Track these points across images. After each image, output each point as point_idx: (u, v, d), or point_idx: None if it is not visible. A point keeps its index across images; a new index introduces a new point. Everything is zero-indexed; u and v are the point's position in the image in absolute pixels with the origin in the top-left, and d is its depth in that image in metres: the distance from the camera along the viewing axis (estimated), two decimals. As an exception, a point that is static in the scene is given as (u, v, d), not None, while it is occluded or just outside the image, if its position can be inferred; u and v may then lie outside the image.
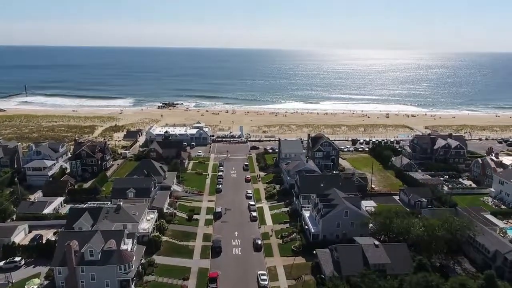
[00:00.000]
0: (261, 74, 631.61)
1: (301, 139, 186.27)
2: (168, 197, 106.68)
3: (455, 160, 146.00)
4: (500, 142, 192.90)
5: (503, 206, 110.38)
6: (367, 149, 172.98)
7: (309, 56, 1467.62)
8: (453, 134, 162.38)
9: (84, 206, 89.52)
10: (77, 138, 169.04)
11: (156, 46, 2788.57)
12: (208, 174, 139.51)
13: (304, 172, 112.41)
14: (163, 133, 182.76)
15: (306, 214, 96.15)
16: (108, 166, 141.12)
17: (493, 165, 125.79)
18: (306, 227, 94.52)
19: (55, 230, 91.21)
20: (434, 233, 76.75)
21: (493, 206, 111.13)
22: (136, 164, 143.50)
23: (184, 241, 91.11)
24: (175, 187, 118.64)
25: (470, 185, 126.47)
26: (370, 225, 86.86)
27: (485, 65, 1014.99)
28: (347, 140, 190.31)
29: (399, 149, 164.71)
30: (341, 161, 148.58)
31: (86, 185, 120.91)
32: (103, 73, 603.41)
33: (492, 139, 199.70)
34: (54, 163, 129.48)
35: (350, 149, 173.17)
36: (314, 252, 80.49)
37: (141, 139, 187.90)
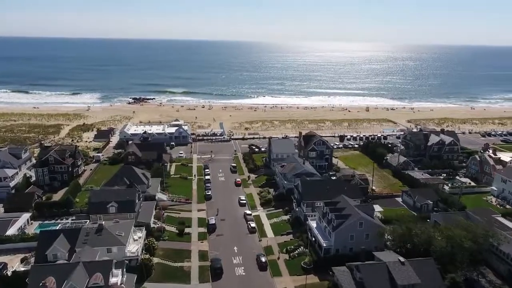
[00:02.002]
0: (234, 67, 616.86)
1: (286, 136, 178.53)
2: (154, 209, 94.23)
3: (449, 156, 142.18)
4: (483, 136, 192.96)
5: (508, 206, 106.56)
6: (356, 145, 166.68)
7: (279, 49, 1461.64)
8: (445, 130, 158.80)
9: (58, 227, 75.70)
10: (42, 142, 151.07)
11: (120, 38, 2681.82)
12: (193, 178, 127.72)
13: (304, 176, 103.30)
14: (139, 132, 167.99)
15: (313, 224, 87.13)
16: (80, 173, 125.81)
17: (491, 162, 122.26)
18: (314, 239, 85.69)
19: (23, 255, 76.91)
20: (461, 245, 69.77)
21: (498, 206, 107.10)
22: (111, 169, 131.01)
23: (178, 261, 79.62)
24: (159, 195, 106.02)
25: (469, 183, 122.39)
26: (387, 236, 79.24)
27: (451, 58, 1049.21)
28: (334, 136, 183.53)
29: (389, 145, 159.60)
30: (333, 160, 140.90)
31: (56, 197, 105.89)
32: (65, 66, 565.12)
33: (475, 132, 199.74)
34: (17, 172, 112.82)
35: (339, 146, 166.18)
36: (331, 272, 71.65)
37: (114, 139, 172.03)
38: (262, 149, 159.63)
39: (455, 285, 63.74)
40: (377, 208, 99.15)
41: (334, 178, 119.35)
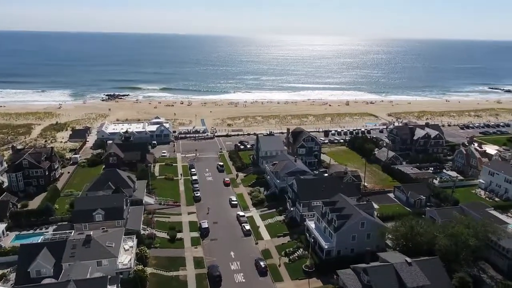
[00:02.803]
0: (208, 62, 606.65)
1: (271, 132, 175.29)
2: (142, 214, 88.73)
3: (434, 150, 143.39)
4: (462, 128, 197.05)
5: (496, 199, 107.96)
6: (342, 140, 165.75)
7: (253, 43, 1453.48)
8: (428, 123, 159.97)
9: (40, 240, 69.21)
10: (14, 144, 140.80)
11: (84, 31, 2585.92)
12: (180, 178, 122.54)
13: (299, 175, 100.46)
14: (118, 131, 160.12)
15: (311, 225, 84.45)
16: (57, 176, 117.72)
17: (478, 155, 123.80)
18: (312, 239, 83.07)
19: (0, 272, 70.03)
20: (465, 242, 68.93)
21: (487, 198, 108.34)
22: (90, 171, 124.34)
23: (172, 270, 75.02)
24: (146, 199, 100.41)
25: (457, 176, 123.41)
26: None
27: (422, 51, 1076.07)
28: (319, 132, 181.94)
29: (374, 139, 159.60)
30: (322, 156, 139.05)
31: (33, 204, 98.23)
32: (32, 61, 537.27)
33: (454, 125, 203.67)
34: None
35: (325, 141, 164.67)
36: (335, 275, 69.34)
37: (91, 139, 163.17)
38: (248, 146, 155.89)
39: (465, 285, 62.64)
40: (373, 205, 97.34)
41: (325, 175, 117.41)
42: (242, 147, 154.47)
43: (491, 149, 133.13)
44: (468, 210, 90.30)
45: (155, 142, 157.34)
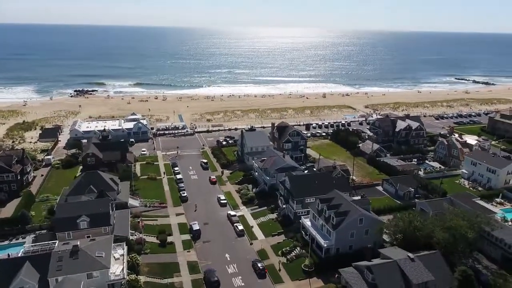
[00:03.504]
0: (179, 55, 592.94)
1: (252, 126, 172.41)
2: (129, 219, 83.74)
3: (415, 141, 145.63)
4: (437, 119, 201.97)
5: (480, 188, 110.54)
6: (324, 134, 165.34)
7: (224, 35, 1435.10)
8: (409, 115, 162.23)
9: (21, 253, 63.22)
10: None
11: (46, 23, 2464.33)
12: (163, 176, 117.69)
13: (290, 171, 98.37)
14: (92, 129, 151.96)
15: (307, 222, 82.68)
16: (30, 180, 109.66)
17: (459, 145, 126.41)
18: (307, 237, 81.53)
19: (-24, 290, 63.54)
20: (464, 235, 69.25)
21: (471, 188, 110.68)
22: (66, 173, 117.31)
23: (167, 277, 71.13)
24: (131, 201, 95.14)
25: (440, 167, 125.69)
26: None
27: (390, 43, 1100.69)
28: (300, 125, 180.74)
29: (356, 132, 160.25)
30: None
31: (6, 212, 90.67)
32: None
33: (429, 116, 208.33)
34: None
35: (308, 135, 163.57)
36: (337, 274, 68.02)
37: (63, 138, 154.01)
38: (230, 142, 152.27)
39: (467, 278, 62.77)
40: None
41: (314, 170, 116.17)
42: (224, 143, 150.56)
43: (471, 140, 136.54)
44: (457, 201, 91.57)
45: (132, 140, 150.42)
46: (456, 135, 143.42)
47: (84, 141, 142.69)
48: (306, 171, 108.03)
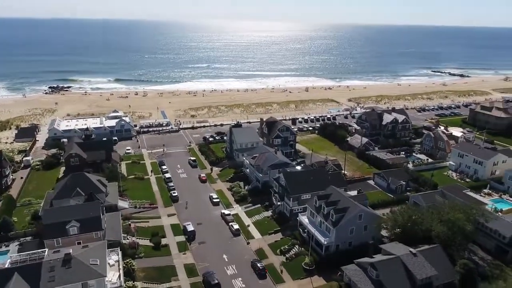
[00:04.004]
0: (158, 50, 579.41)
1: (238, 121, 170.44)
2: (120, 221, 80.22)
3: (402, 134, 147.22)
4: (419, 111, 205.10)
5: (467, 179, 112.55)
6: (311, 128, 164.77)
7: (203, 29, 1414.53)
8: (395, 108, 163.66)
9: (8, 264, 58.97)
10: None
11: (10, 17, 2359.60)
12: (150, 175, 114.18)
13: (281, 167, 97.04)
14: (73, 128, 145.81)
15: (304, 220, 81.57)
16: (9, 184, 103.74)
17: (445, 138, 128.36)
18: (304, 234, 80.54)
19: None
20: (462, 228, 69.76)
21: (459, 180, 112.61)
22: (47, 175, 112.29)
23: (164, 281, 68.53)
24: (120, 203, 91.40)
25: (427, 159, 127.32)
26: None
27: (367, 36, 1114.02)
28: (285, 120, 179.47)
29: (342, 125, 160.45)
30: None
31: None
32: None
33: (411, 108, 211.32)
34: None
35: (295, 129, 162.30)
36: (339, 272, 67.25)
37: (41, 138, 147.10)
38: (217, 138, 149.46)
39: (469, 271, 63.29)
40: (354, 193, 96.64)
41: (303, 165, 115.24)
42: (211, 139, 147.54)
43: (456, 132, 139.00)
44: (449, 193, 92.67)
45: (116, 138, 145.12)
46: (442, 128, 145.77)
47: (64, 140, 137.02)
48: (298, 167, 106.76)
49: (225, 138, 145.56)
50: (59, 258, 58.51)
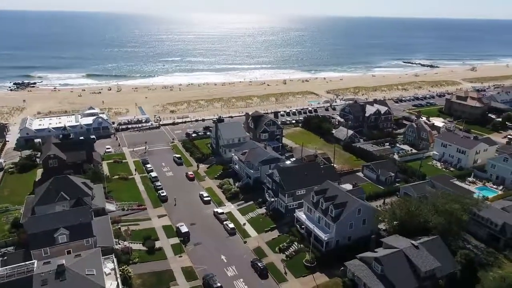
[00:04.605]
0: (125, 43, 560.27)
1: (220, 116, 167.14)
2: (111, 226, 76.08)
3: (384, 125, 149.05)
4: (396, 102, 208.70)
5: (451, 169, 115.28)
6: (294, 121, 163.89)
7: (169, 21, 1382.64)
8: (377, 99, 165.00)
9: (-6, 279, 54.19)
10: None
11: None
12: (134, 174, 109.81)
13: (272, 163, 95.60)
14: (46, 127, 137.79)
15: (301, 215, 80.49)
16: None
17: (428, 128, 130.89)
18: (302, 230, 79.54)
19: None
20: (459, 218, 70.86)
21: (444, 169, 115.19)
22: (22, 178, 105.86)
23: (163, 287, 65.66)
24: (107, 206, 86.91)
25: (411, 150, 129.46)
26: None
27: (336, 28, 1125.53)
28: (267, 113, 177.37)
29: (325, 117, 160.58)
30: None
31: (-41, 228, 78.54)
32: None
33: (388, 99, 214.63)
34: None
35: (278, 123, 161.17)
36: (342, 267, 66.75)
37: (11, 138, 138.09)
38: (200, 133, 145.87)
39: (470, 261, 64.29)
40: (349, 187, 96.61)
41: (293, 159, 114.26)
42: (194, 135, 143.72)
43: (438, 122, 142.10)
44: (438, 183, 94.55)
45: (93, 136, 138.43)
46: (424, 118, 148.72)
47: (38, 140, 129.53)
48: (288, 162, 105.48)
49: (208, 133, 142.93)
50: (51, 270, 54.43)
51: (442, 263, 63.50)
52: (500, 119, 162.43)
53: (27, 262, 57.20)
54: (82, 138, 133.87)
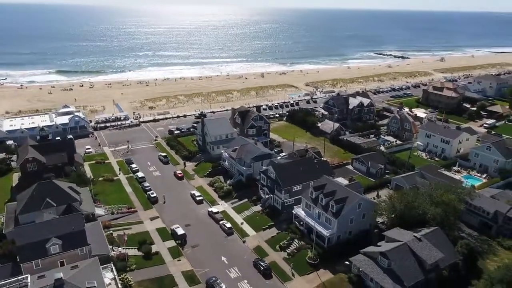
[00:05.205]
0: (92, 36, 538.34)
1: (202, 112, 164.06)
2: (103, 231, 72.17)
3: (367, 117, 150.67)
4: (374, 93, 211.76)
5: (436, 158, 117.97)
6: (277, 115, 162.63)
7: (136, 13, 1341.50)
8: (359, 91, 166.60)
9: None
10: None
11: None
12: (118, 175, 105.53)
13: (270, 159, 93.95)
14: (18, 128, 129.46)
15: (300, 212, 79.56)
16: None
17: (411, 119, 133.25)
18: (301, 227, 78.72)
19: None
20: (455, 208, 72.17)
21: (429, 159, 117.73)
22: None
23: (166, 294, 62.96)
24: (96, 210, 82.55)
25: (396, 141, 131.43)
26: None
27: (306, 20, 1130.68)
28: (250, 107, 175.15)
29: (309, 110, 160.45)
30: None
31: None
32: None
33: (367, 90, 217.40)
34: None
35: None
36: (347, 262, 66.56)
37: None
38: (183, 130, 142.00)
39: (471, 250, 65.62)
40: (343, 181, 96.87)
41: (282, 154, 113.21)
42: (177, 132, 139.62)
43: (420, 113, 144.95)
44: (427, 174, 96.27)
45: (71, 136, 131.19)
46: (406, 109, 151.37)
47: (10, 142, 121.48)
48: (279, 157, 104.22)
49: (192, 130, 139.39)
50: (48, 285, 50.71)
51: (444, 254, 64.47)
52: (474, 109, 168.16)
53: (18, 277, 53.03)
54: (58, 138, 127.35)
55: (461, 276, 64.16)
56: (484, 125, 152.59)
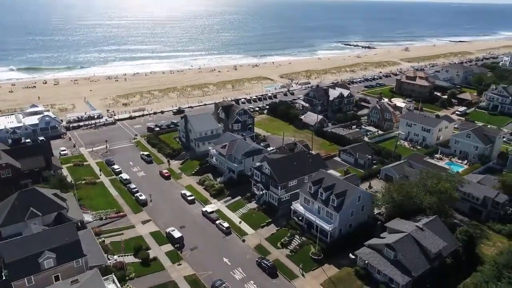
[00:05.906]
0: (45, 30, 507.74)
1: (180, 107, 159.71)
2: (95, 240, 67.83)
3: (347, 108, 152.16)
4: (349, 84, 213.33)
5: (418, 147, 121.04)
6: (257, 108, 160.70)
7: (93, 4, 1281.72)
8: (338, 83, 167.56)
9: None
10: None
11: None
12: (100, 176, 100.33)
13: (256, 154, 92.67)
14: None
15: (299, 207, 78.71)
16: None
17: (391, 109, 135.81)
18: (302, 223, 77.98)
19: None
20: (450, 196, 73.95)
21: (411, 148, 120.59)
22: None
23: (171, 302, 60.18)
24: (85, 217, 77.54)
25: (377, 131, 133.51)
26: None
27: (266, 10, 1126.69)
28: (228, 101, 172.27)
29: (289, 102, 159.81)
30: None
31: None
32: None
33: (341, 81, 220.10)
34: None
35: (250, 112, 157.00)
36: (353, 256, 66.63)
37: None
38: (163, 127, 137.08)
39: (470, 237, 67.45)
40: (335, 173, 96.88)
41: (270, 148, 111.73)
42: (157, 129, 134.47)
43: (399, 103, 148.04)
44: (414, 163, 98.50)
45: (42, 138, 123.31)
46: (386, 99, 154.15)
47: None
48: (269, 153, 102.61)
49: (172, 126, 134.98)
50: (49, 304, 46.54)
51: (446, 242, 65.88)
52: (446, 97, 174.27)
53: (14, 298, 48.41)
54: (28, 140, 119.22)
55: (462, 263, 65.90)
56: (456, 112, 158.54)
